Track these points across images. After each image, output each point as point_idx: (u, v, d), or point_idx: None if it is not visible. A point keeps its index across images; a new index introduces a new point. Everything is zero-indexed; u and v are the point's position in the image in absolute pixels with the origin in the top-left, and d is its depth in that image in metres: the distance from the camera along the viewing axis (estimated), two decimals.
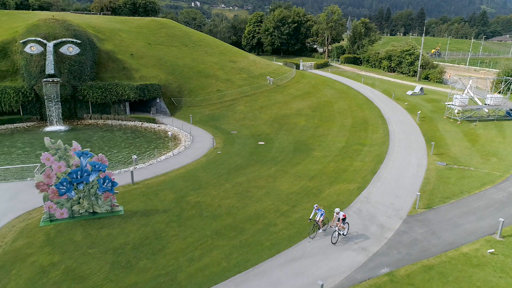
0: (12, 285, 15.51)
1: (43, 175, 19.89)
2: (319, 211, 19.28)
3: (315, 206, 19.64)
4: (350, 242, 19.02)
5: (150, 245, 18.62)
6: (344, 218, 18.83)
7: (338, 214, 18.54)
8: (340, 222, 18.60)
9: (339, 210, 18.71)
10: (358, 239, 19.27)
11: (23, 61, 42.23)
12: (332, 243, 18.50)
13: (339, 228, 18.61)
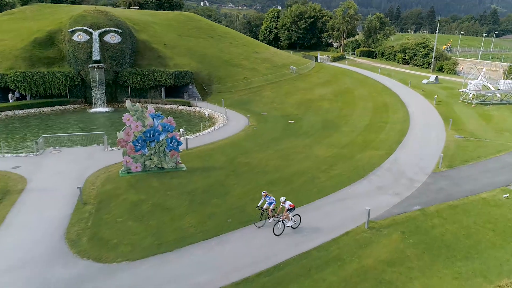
0: (116, 212, 19.16)
1: (123, 133, 23.56)
2: (268, 199, 17.54)
3: (263, 193, 17.87)
4: (385, 188, 22.41)
5: (216, 190, 22.16)
6: (292, 208, 17.22)
7: (284, 204, 17.10)
8: (285, 211, 17.16)
9: (284, 199, 17.23)
10: (391, 188, 22.63)
11: (71, 48, 46.06)
12: (275, 234, 16.84)
13: (284, 218, 17.19)
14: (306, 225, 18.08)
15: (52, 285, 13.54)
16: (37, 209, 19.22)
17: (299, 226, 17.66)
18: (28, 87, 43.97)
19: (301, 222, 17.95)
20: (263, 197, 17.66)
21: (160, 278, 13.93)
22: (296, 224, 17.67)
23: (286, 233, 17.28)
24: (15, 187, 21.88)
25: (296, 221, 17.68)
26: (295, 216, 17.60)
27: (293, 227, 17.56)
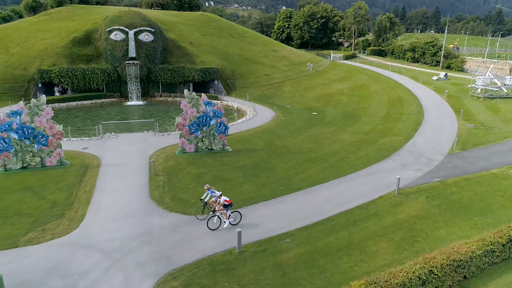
0: (184, 181, 22.88)
1: (181, 118, 27.30)
2: (210, 192, 17.66)
3: (206, 186, 17.99)
4: (408, 165, 25.98)
5: (263, 166, 25.84)
6: (229, 204, 17.15)
7: (220, 198, 17.15)
8: (218, 205, 17.14)
9: (220, 194, 17.39)
10: (413, 165, 26.19)
11: (109, 46, 49.91)
12: (209, 228, 16.88)
13: (220, 213, 17.20)
14: (346, 191, 21.74)
15: (155, 228, 17.27)
16: (118, 179, 22.98)
17: (239, 223, 17.49)
18: (70, 82, 47.84)
19: (338, 193, 21.61)
20: (206, 190, 17.72)
21: (239, 225, 17.59)
22: (235, 221, 17.50)
23: (330, 195, 20.94)
24: (92, 163, 25.68)
25: (236, 218, 17.57)
26: (234, 213, 17.59)
27: (232, 224, 17.35)
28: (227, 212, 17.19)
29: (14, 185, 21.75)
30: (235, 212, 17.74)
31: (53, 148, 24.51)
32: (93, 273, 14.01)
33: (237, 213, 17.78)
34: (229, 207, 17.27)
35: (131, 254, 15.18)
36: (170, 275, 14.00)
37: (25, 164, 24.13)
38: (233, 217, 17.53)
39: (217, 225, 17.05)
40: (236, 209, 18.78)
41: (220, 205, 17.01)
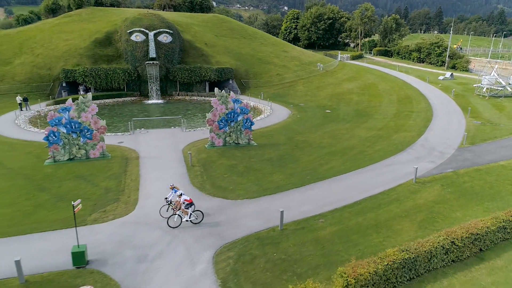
0: (219, 171, 25.06)
1: (211, 114, 29.48)
2: (173, 191, 18.21)
3: (170, 185, 18.57)
4: (422, 158, 28.11)
5: (288, 158, 28.01)
6: (189, 204, 17.65)
7: (180, 198, 17.53)
8: (180, 204, 17.54)
9: (181, 193, 17.74)
10: (427, 158, 28.31)
11: (130, 47, 52.14)
12: (169, 226, 17.32)
13: (181, 212, 17.58)
14: (368, 180, 23.90)
15: (203, 210, 19.41)
16: (158, 169, 25.19)
17: (201, 221, 17.88)
18: (94, 81, 50.08)
19: (361, 181, 23.77)
20: (170, 189, 18.32)
21: (275, 207, 19.74)
22: (197, 220, 17.83)
23: (353, 184, 23.10)
24: (130, 155, 27.90)
25: (198, 217, 17.90)
26: (196, 212, 17.92)
27: (193, 222, 17.73)
28: (188, 211, 17.50)
29: (66, 174, 23.97)
30: (197, 211, 18.00)
31: (97, 142, 26.74)
32: (159, 245, 16.21)
33: (199, 212, 18.04)
34: (190, 205, 17.61)
35: (187, 231, 17.37)
36: (225, 247, 16.19)
37: (72, 156, 26.35)
38: (194, 215, 17.75)
39: (178, 223, 17.46)
40: (272, 194, 20.97)
41: (181, 204, 17.39)
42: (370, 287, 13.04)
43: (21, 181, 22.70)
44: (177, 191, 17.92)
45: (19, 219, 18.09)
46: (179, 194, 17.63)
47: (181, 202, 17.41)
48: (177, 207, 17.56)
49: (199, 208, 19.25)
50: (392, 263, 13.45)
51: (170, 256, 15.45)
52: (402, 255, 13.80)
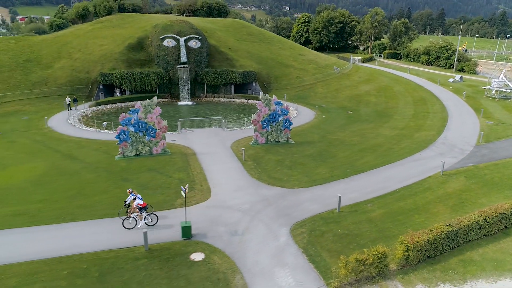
0: (270, 165, 28.66)
1: (256, 115, 33.08)
2: (131, 195, 19.33)
3: (128, 190, 19.83)
4: (444, 154, 31.66)
5: (326, 154, 31.57)
6: (143, 207, 18.61)
7: (134, 202, 18.66)
8: (134, 208, 18.66)
9: (135, 197, 18.96)
10: (449, 154, 31.85)
11: (162, 52, 55.75)
12: (125, 228, 18.59)
13: (135, 215, 18.72)
14: (400, 172, 27.47)
15: (267, 196, 23.04)
16: (216, 163, 28.79)
17: (156, 224, 19.10)
18: (129, 84, 53.68)
19: (395, 174, 27.37)
20: (129, 194, 19.55)
21: (327, 194, 23.31)
22: (151, 222, 19.02)
23: (389, 175, 26.66)
24: (187, 152, 31.54)
25: (153, 220, 19.12)
26: (151, 215, 19.20)
27: (148, 224, 18.86)
28: (142, 214, 18.66)
29: (139, 167, 27.61)
30: (152, 215, 19.34)
31: (159, 140, 30.38)
32: (242, 223, 19.84)
33: (154, 216, 19.32)
34: (144, 209, 18.64)
35: (262, 213, 21.00)
36: (296, 225, 19.81)
37: (138, 152, 29.98)
38: (149, 218, 19.02)
39: (133, 225, 18.75)
40: (322, 184, 24.58)
41: (136, 208, 18.54)
42: (423, 252, 16.67)
43: (103, 173, 26.34)
44: (133, 195, 19.13)
45: (116, 204, 21.68)
46: (133, 198, 18.91)
47: (135, 206, 18.51)
48: (132, 210, 18.83)
49: (263, 195, 22.89)
50: (439, 234, 17.07)
51: (255, 231, 19.07)
52: (447, 228, 17.42)
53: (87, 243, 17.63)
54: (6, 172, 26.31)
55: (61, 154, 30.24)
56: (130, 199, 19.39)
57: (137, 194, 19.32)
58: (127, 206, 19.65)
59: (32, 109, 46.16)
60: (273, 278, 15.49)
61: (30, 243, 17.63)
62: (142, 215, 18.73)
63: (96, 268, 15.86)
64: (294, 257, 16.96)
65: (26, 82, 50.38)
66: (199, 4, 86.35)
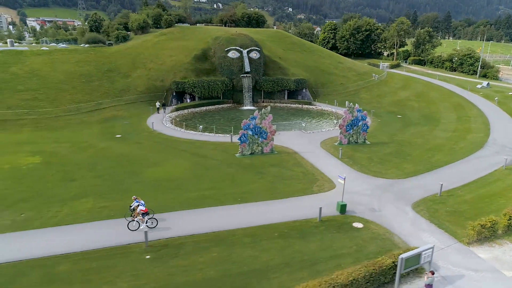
0: (364, 162, 35.52)
1: (342, 120, 40.01)
2: (136, 202, 21.93)
3: (133, 197, 22.46)
4: (500, 153, 38.51)
5: (403, 153, 38.29)
6: (145, 213, 21.60)
7: (138, 208, 21.51)
8: (136, 212, 21.66)
9: (138, 203, 21.73)
10: (503, 153, 38.70)
11: (226, 62, 62.67)
12: (129, 229, 21.62)
13: (138, 218, 21.70)
14: (470, 167, 34.35)
15: (379, 185, 29.89)
16: (319, 160, 35.53)
17: (156, 227, 22.01)
18: (199, 91, 60.60)
19: (466, 169, 34.24)
20: (134, 200, 22.11)
21: (423, 183, 30.11)
22: (152, 225, 21.93)
23: (463, 169, 33.51)
24: (289, 151, 38.38)
25: (153, 223, 22.02)
26: (151, 219, 22.09)
27: (149, 227, 21.75)
28: (144, 218, 21.76)
29: (262, 163, 34.45)
30: (152, 218, 22.24)
31: (269, 141, 37.29)
32: (374, 203, 26.67)
33: (154, 219, 22.25)
34: (145, 214, 21.67)
35: (382, 196, 27.88)
36: (414, 204, 26.67)
37: (252, 151, 36.90)
38: (150, 222, 22.03)
39: (136, 227, 21.84)
40: (415, 175, 31.50)
41: (139, 213, 21.57)
42: None
43: (238, 168, 33.20)
44: (137, 202, 21.86)
45: (270, 190, 28.52)
46: (137, 205, 21.70)
47: (137, 212, 21.48)
48: (135, 214, 21.81)
49: (375, 184, 29.78)
50: None
51: (387, 208, 25.98)
52: None
53: (276, 216, 24.53)
54: (161, 167, 33.18)
55: (189, 153, 37.10)
56: (134, 205, 21.98)
57: (140, 200, 22.06)
58: (132, 210, 22.19)
59: (125, 114, 53.03)
60: (420, 237, 22.34)
61: (235, 217, 24.51)
62: (144, 218, 21.78)
63: (295, 232, 22.75)
64: (426, 225, 23.85)
65: (113, 90, 57.25)
66: (239, 15, 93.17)
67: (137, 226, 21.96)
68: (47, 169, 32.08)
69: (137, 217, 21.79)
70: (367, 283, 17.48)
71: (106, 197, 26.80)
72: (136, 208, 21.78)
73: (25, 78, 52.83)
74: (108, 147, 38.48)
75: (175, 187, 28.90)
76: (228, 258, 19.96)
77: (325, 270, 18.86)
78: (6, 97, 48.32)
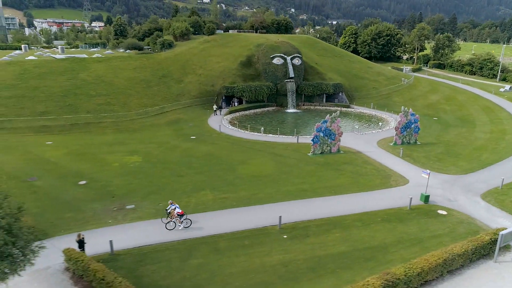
0: (423, 160, 40.24)
1: (397, 123, 44.74)
2: (171, 205, 24.51)
3: (170, 201, 25.00)
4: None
5: (453, 152, 42.96)
6: (181, 214, 24.10)
7: (175, 210, 24.00)
8: (174, 214, 24.06)
9: (175, 206, 24.28)
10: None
11: (272, 69, 67.42)
12: (167, 229, 24.08)
13: (175, 219, 24.28)
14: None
15: (444, 180, 34.58)
16: (384, 158, 40.14)
17: (190, 226, 24.64)
18: (247, 95, 65.33)
19: (502, 172, 38.97)
20: (169, 204, 24.67)
21: (483, 178, 34.70)
22: (187, 225, 24.59)
23: (506, 167, 38.24)
24: (351, 151, 43.08)
25: (188, 223, 24.60)
26: (186, 220, 24.60)
27: (185, 227, 24.48)
28: (180, 219, 24.30)
29: (335, 161, 39.13)
30: (187, 219, 24.77)
31: (336, 142, 42.02)
32: (447, 195, 31.40)
33: (189, 220, 24.80)
34: (182, 216, 24.22)
35: (452, 189, 32.51)
36: (482, 195, 31.33)
37: (322, 151, 41.64)
38: (185, 222, 24.63)
39: (173, 227, 24.33)
40: (472, 172, 36.26)
41: (175, 214, 24.12)
42: None
43: (316, 166, 37.89)
44: (173, 206, 24.52)
45: (355, 184, 33.22)
46: (174, 208, 24.30)
47: (175, 214, 24.07)
48: (172, 216, 24.31)
49: (444, 179, 34.52)
50: None
51: (460, 198, 30.69)
52: None
53: (371, 205, 29.24)
54: (249, 165, 37.82)
55: (266, 152, 41.78)
56: (171, 208, 24.44)
57: (176, 204, 24.68)
58: (168, 213, 24.68)
59: (185, 117, 57.78)
60: (497, 222, 26.96)
61: (340, 206, 29.23)
62: (180, 219, 24.43)
63: (393, 217, 27.43)
64: (499, 212, 28.58)
65: (170, 94, 62.04)
66: (269, 21, 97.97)
67: (173, 226, 24.55)
68: (152, 167, 36.78)
69: (174, 218, 24.42)
70: (473, 254, 22.20)
71: (220, 190, 31.50)
72: (172, 211, 24.39)
73: (94, 84, 57.57)
74: (192, 148, 43.20)
75: (272, 182, 33.62)
76: (349, 238, 24.71)
77: (432, 246, 23.55)
78: (83, 102, 53.08)
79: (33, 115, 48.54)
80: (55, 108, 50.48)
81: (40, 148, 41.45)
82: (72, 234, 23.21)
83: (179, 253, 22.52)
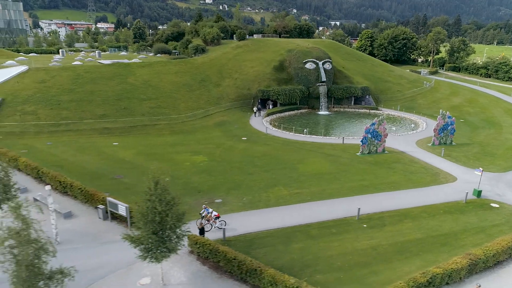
0: (463, 159, 43.91)
1: (436, 125, 48.38)
2: (206, 210, 26.36)
3: (204, 206, 26.99)
4: None
5: (488, 152, 46.47)
6: (217, 217, 26.20)
7: (211, 213, 26.08)
8: (211, 217, 26.06)
9: (211, 210, 26.34)
10: None
11: (304, 73, 71.11)
12: (205, 231, 25.32)
13: (212, 222, 26.13)
14: None
15: (486, 178, 38.25)
16: (425, 158, 43.70)
17: (225, 227, 26.04)
18: (282, 98, 68.99)
19: None
20: (203, 208, 26.59)
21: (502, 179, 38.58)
22: (222, 226, 26.11)
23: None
24: (395, 151, 46.75)
25: (222, 224, 26.27)
26: (221, 222, 26.39)
27: (220, 228, 26.01)
28: (216, 221, 26.35)
29: (384, 161, 42.74)
30: (222, 221, 26.57)
31: (382, 143, 45.69)
32: (495, 190, 35.06)
33: (223, 221, 26.60)
34: (218, 218, 26.32)
35: (498, 186, 36.09)
36: None
37: (369, 151, 45.31)
38: (220, 223, 26.45)
39: (209, 228, 26.12)
40: (505, 171, 39.96)
41: (212, 217, 26.23)
42: None
43: (367, 164, 41.50)
44: (209, 210, 26.51)
45: (409, 181, 36.84)
46: (210, 211, 26.36)
47: (212, 217, 26.15)
48: (208, 219, 26.21)
49: (486, 177, 38.19)
50: None
51: (507, 193, 34.33)
52: None
53: (431, 199, 32.89)
54: (307, 164, 41.37)
55: (317, 152, 45.41)
56: (205, 212, 26.49)
57: (209, 209, 26.70)
58: (202, 216, 26.53)
59: (229, 119, 61.46)
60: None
61: (402, 200, 32.86)
62: (216, 221, 26.49)
63: (453, 209, 31.11)
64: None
65: (211, 97, 65.73)
66: (291, 26, 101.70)
67: (209, 228, 26.41)
68: (219, 166, 40.41)
69: (210, 221, 26.40)
70: None
71: (291, 186, 35.09)
72: (206, 215, 26.43)
73: (143, 88, 61.25)
74: (247, 148, 46.86)
75: (334, 179, 37.26)
76: (421, 226, 28.36)
77: (494, 234, 27.24)
78: (136, 105, 56.77)
79: (94, 118, 52.18)
80: (113, 111, 54.13)
81: (110, 148, 45.09)
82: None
83: (280, 239, 26.17)
